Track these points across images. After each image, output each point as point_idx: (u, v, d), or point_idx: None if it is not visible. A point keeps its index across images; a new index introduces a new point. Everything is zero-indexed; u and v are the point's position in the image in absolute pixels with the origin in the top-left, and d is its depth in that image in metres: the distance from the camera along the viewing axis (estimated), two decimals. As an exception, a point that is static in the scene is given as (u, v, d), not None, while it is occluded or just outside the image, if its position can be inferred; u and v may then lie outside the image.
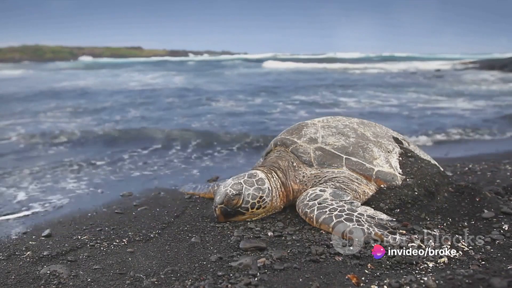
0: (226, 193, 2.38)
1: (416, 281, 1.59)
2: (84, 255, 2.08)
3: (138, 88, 16.98)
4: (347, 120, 2.87)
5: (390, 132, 2.88)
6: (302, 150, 2.57)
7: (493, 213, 2.32)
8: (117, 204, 3.09)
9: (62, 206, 3.40)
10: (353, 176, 2.44)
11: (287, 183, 2.54)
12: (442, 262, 1.82)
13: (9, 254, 2.14)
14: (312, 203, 2.29)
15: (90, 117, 9.59)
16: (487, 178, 3.26)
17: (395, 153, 2.61)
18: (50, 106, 11.43)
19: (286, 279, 1.70)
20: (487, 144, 6.42)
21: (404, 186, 2.43)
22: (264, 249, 2.00)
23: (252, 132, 7.41)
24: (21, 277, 1.88)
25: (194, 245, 2.15)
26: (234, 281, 1.69)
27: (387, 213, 2.29)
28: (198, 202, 2.98)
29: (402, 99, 12.43)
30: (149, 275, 1.83)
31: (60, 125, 8.38)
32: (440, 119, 8.81)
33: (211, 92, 14.71)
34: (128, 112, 10.36)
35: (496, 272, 1.62)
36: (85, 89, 16.17)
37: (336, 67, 32.81)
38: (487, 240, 2.03)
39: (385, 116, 9.28)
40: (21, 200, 3.68)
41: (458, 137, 6.96)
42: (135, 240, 2.29)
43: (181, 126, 8.19)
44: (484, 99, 12.01)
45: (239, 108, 10.93)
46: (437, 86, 16.50)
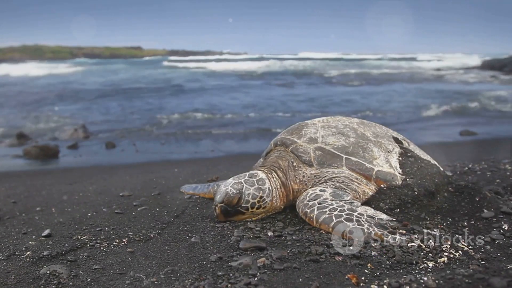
0: (226, 192, 2.39)
1: (416, 281, 1.59)
2: (84, 255, 2.08)
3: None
4: (347, 120, 2.87)
5: (390, 132, 2.88)
6: (302, 150, 2.57)
7: (493, 212, 2.32)
8: (117, 204, 3.09)
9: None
10: (353, 176, 2.44)
11: (287, 183, 2.55)
12: (442, 262, 1.82)
13: (9, 254, 2.14)
14: (312, 203, 2.29)
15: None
16: (487, 178, 3.26)
17: (395, 153, 2.61)
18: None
19: (286, 279, 1.70)
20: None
21: (404, 186, 2.42)
22: (264, 249, 2.00)
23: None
24: (21, 277, 1.88)
25: (194, 245, 2.15)
26: (234, 281, 1.69)
27: (387, 213, 2.29)
28: (198, 202, 2.98)
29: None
30: (149, 275, 1.83)
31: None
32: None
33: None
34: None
35: (496, 271, 1.62)
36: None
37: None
38: (487, 240, 2.03)
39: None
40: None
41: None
42: (135, 240, 2.29)
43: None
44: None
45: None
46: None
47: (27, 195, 3.85)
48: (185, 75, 29.39)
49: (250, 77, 27.46)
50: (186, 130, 9.92)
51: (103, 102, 15.75)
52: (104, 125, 11.17)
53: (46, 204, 3.38)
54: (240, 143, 8.26)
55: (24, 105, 14.75)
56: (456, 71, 31.24)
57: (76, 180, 4.71)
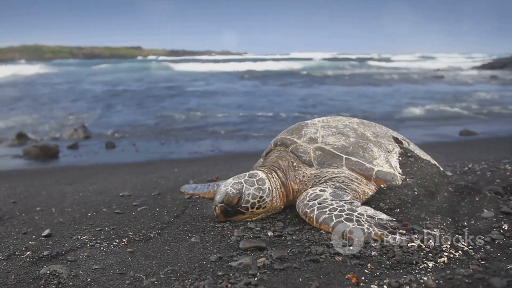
0: (226, 192, 2.39)
1: (416, 281, 1.59)
2: (84, 255, 2.08)
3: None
4: (347, 120, 2.87)
5: (390, 132, 2.88)
6: (302, 150, 2.57)
7: (493, 212, 2.32)
8: (117, 204, 3.09)
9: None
10: (353, 176, 2.44)
11: (287, 183, 2.55)
12: (442, 262, 1.82)
13: (9, 254, 2.14)
14: (312, 203, 2.29)
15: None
16: (486, 178, 3.26)
17: (395, 153, 2.61)
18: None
19: (286, 279, 1.70)
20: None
21: (404, 186, 2.43)
22: (264, 249, 2.00)
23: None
24: (21, 277, 1.88)
25: (194, 245, 2.15)
26: (234, 281, 1.69)
27: (387, 213, 2.29)
28: (198, 202, 2.98)
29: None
30: (149, 275, 1.83)
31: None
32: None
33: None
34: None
35: (496, 271, 1.62)
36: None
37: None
38: (487, 240, 2.03)
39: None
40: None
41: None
42: (135, 240, 2.29)
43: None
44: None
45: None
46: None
47: (27, 195, 3.85)
48: (171, 76, 29.20)
49: (241, 77, 27.46)
50: (185, 131, 9.91)
51: (101, 103, 15.72)
52: (104, 125, 11.17)
53: (46, 204, 3.38)
54: (240, 143, 8.26)
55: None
56: (455, 72, 31.28)
57: (76, 180, 4.70)
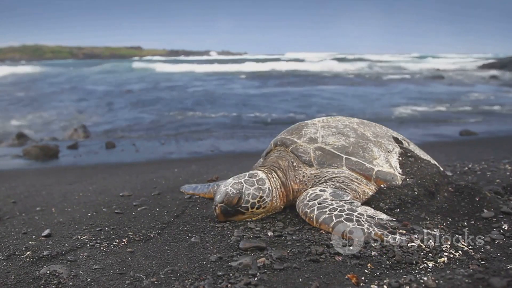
0: (226, 192, 2.39)
1: (416, 281, 1.59)
2: (84, 255, 2.08)
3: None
4: (347, 120, 2.87)
5: (390, 132, 2.89)
6: (302, 150, 2.57)
7: (493, 212, 2.32)
8: (117, 204, 3.09)
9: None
10: (353, 176, 2.44)
11: (287, 183, 2.55)
12: (442, 262, 1.82)
13: (9, 254, 2.14)
14: (312, 203, 2.29)
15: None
16: (486, 178, 3.26)
17: (395, 153, 2.61)
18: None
19: (286, 279, 1.70)
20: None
21: (404, 186, 2.43)
22: (264, 249, 2.00)
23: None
24: (21, 277, 1.88)
25: (194, 245, 2.15)
26: (234, 281, 1.69)
27: (387, 213, 2.29)
28: (198, 202, 2.98)
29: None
30: (149, 275, 1.83)
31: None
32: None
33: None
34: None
35: (496, 271, 1.62)
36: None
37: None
38: (487, 240, 2.03)
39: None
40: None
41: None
42: (135, 240, 2.29)
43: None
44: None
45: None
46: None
47: (27, 195, 3.85)
48: (171, 76, 29.23)
49: (241, 77, 27.51)
50: (185, 131, 9.90)
51: (103, 102, 15.75)
52: (104, 125, 11.17)
53: (46, 204, 3.38)
54: (240, 143, 8.26)
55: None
56: (455, 72, 31.25)
57: (76, 180, 4.70)
